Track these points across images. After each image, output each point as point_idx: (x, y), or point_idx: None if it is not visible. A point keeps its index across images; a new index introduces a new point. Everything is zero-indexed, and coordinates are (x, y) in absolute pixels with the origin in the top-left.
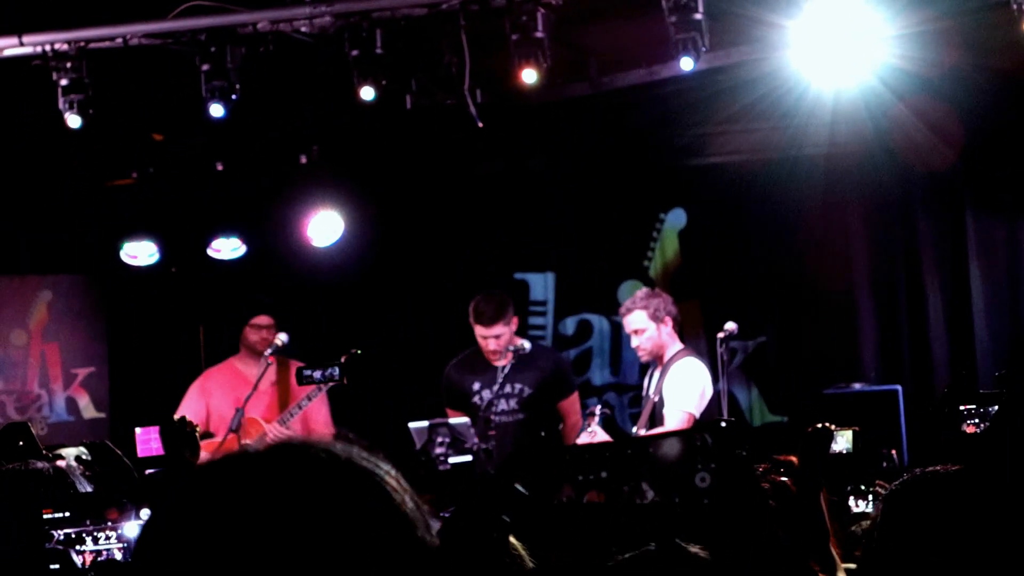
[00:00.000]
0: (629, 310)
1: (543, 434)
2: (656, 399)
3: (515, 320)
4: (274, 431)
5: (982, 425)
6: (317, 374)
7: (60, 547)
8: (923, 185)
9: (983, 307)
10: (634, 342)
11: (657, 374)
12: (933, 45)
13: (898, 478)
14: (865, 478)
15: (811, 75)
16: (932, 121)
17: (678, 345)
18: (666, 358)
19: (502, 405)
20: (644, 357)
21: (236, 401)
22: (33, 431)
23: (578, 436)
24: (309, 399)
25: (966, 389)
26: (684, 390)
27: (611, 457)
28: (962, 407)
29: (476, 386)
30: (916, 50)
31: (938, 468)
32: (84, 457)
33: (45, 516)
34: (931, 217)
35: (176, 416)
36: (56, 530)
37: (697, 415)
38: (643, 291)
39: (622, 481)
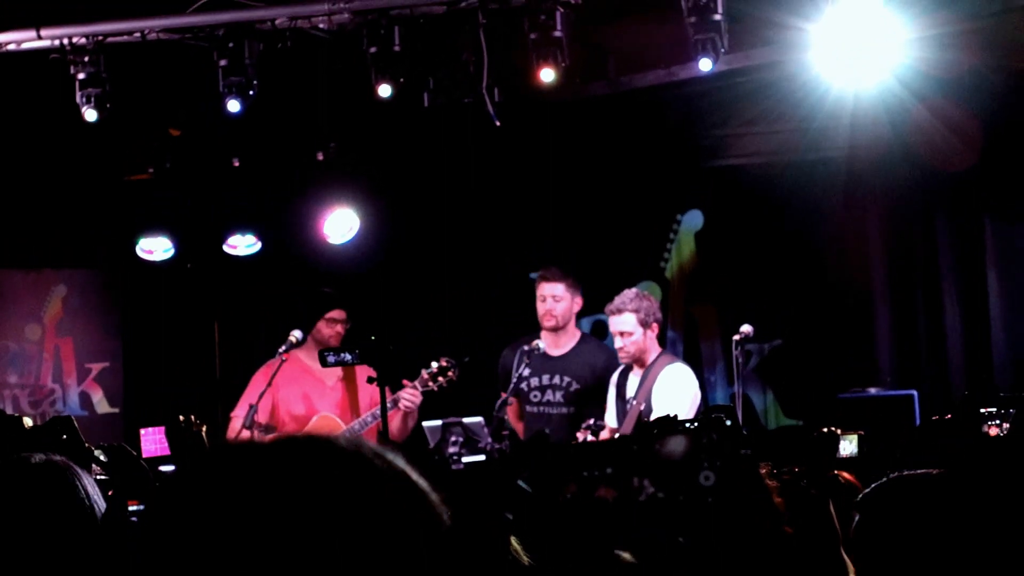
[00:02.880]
0: (620, 311)
1: (547, 431)
2: (643, 406)
3: (579, 300)
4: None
5: (1004, 427)
6: (333, 357)
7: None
8: (942, 189)
9: (1000, 313)
10: (618, 343)
11: (637, 379)
12: (952, 47)
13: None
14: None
15: (831, 77)
16: (951, 123)
17: (658, 349)
18: (647, 362)
19: (548, 395)
20: (625, 360)
21: (304, 396)
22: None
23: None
24: (375, 415)
25: (987, 391)
26: (677, 397)
27: (616, 453)
28: (983, 410)
29: (526, 372)
30: (935, 52)
31: (917, 472)
32: (101, 459)
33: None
34: (949, 221)
35: (237, 408)
36: None
37: None
38: (632, 292)
39: (628, 476)
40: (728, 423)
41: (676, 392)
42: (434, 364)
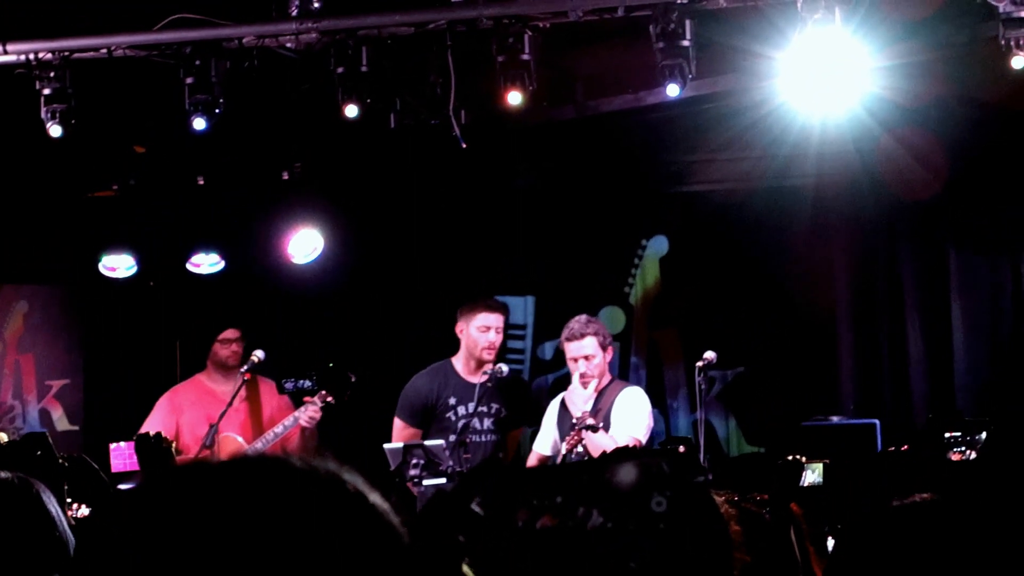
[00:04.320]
0: (581, 335)
1: (501, 455)
2: (601, 426)
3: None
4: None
5: (969, 453)
6: (291, 384)
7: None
8: (906, 218)
9: (963, 343)
10: (581, 367)
11: (589, 401)
12: (920, 77)
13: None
14: (839, 512)
15: (798, 105)
16: (918, 152)
17: (609, 375)
18: (600, 385)
19: (477, 424)
20: (587, 384)
21: (208, 418)
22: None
23: None
24: (286, 427)
25: (950, 417)
26: (635, 418)
27: (566, 481)
28: (947, 435)
29: (452, 401)
30: (903, 82)
31: (907, 501)
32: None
33: None
34: (913, 251)
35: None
36: None
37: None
38: (584, 317)
39: (576, 506)
40: (681, 450)
41: (633, 412)
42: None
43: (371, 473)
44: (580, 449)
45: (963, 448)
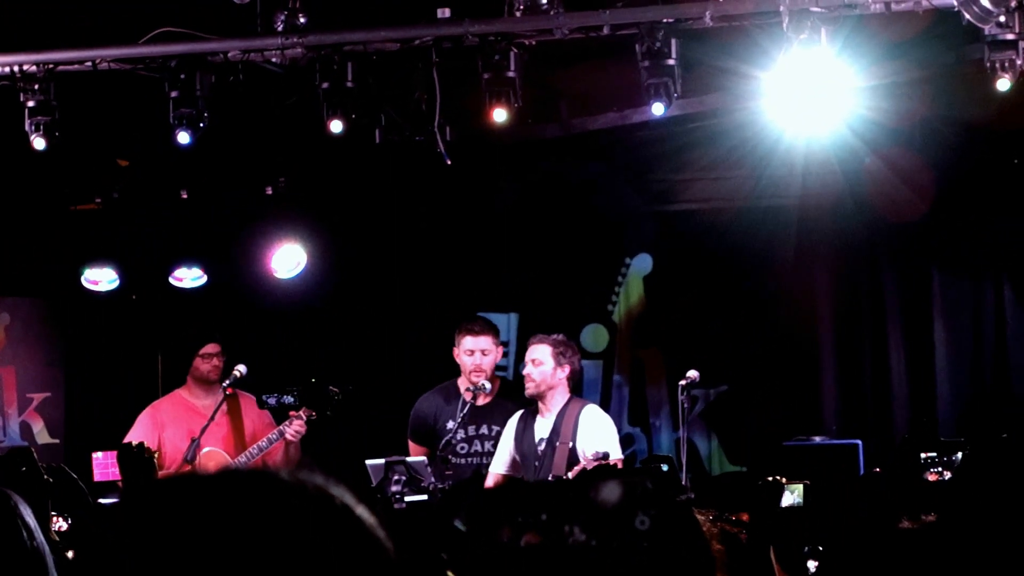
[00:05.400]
0: (540, 341)
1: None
2: (570, 444)
3: (500, 349)
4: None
5: (945, 473)
6: (273, 400)
7: None
8: (890, 239)
9: (945, 364)
10: (526, 370)
11: (549, 422)
12: (905, 97)
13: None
14: (819, 534)
15: (783, 125)
16: (902, 173)
17: (568, 394)
18: (555, 403)
19: (476, 446)
20: (529, 389)
21: (190, 432)
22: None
23: None
24: (270, 441)
25: (927, 437)
26: (607, 437)
27: (551, 498)
28: (923, 455)
29: (450, 424)
30: (888, 102)
31: (912, 526)
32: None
33: None
34: (897, 271)
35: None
36: None
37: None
38: (559, 336)
39: (561, 523)
40: (664, 469)
41: (604, 431)
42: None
43: (353, 488)
44: None
45: (939, 469)
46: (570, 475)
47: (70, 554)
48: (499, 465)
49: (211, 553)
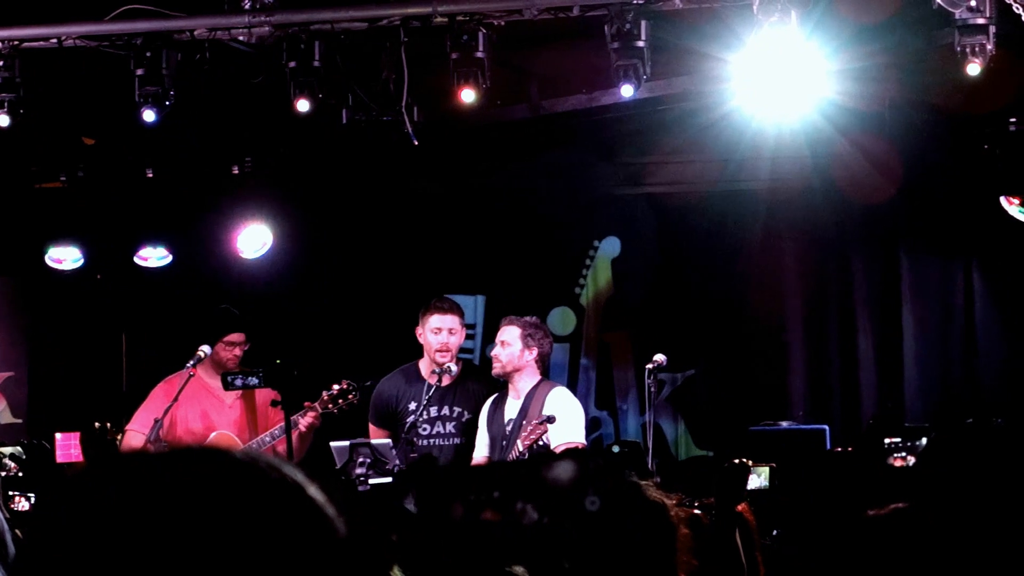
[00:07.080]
0: (510, 323)
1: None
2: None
3: (464, 331)
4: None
5: (909, 459)
6: (239, 381)
7: None
8: (859, 223)
9: (913, 347)
10: (494, 351)
11: (517, 403)
12: (875, 81)
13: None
14: (786, 517)
15: (752, 109)
16: (871, 157)
17: (538, 376)
18: (524, 385)
19: (439, 427)
20: (495, 370)
21: (203, 414)
22: None
23: None
24: (275, 435)
25: (892, 421)
26: (574, 421)
27: (503, 477)
28: (888, 440)
29: (412, 406)
30: (857, 86)
31: (882, 512)
32: (20, 456)
33: None
34: (866, 255)
35: (134, 421)
36: None
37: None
38: (532, 318)
39: (514, 501)
40: (616, 450)
41: (571, 415)
42: (335, 386)
43: (316, 470)
44: (543, 442)
45: (904, 454)
46: (519, 442)
47: (19, 533)
48: (481, 447)
49: (155, 529)
